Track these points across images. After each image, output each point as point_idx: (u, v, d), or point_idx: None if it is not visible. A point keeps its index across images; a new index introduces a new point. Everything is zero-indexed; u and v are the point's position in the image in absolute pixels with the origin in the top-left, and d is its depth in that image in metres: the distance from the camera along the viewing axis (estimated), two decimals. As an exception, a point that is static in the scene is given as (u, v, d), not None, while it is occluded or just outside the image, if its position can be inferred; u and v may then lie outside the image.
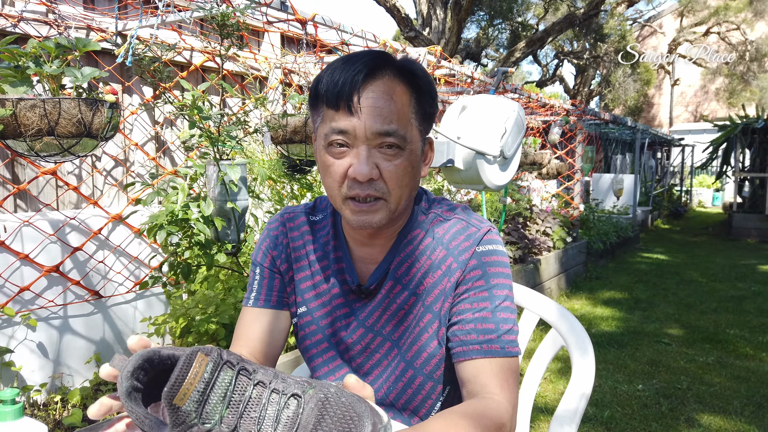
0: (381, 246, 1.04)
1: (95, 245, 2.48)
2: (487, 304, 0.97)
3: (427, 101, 0.97)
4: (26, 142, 1.69)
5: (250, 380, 0.57)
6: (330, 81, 0.91)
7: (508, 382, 0.93)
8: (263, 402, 0.56)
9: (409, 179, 0.95)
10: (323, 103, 0.93)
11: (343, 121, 0.91)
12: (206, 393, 0.55)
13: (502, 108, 2.55)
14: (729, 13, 18.05)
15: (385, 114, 0.90)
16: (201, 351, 0.56)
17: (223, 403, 0.55)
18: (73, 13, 2.56)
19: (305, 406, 0.56)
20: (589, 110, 6.71)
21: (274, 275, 1.11)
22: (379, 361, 1.05)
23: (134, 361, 0.57)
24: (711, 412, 2.96)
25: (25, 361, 2.23)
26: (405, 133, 0.92)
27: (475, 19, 15.18)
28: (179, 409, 0.54)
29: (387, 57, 0.94)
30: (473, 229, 1.02)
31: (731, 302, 5.30)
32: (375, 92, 0.91)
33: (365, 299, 1.05)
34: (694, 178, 18.05)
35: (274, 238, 1.12)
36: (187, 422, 0.54)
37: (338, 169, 0.93)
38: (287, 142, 2.56)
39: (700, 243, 9.40)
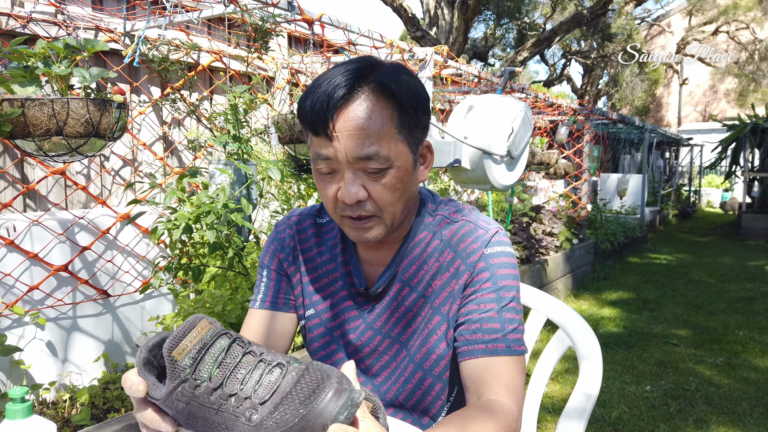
0: (388, 249, 1.05)
1: (103, 245, 2.50)
2: (493, 305, 0.97)
3: (410, 113, 0.92)
4: (35, 141, 1.70)
5: (242, 349, 0.63)
6: (307, 107, 0.89)
7: (513, 382, 0.93)
8: (250, 367, 0.62)
9: (399, 195, 0.94)
10: (306, 128, 0.92)
11: (325, 147, 0.90)
12: (201, 352, 0.61)
13: (509, 108, 2.55)
14: (738, 12, 17.92)
15: (363, 137, 0.87)
16: (206, 319, 0.63)
17: (214, 364, 0.61)
18: (81, 13, 2.58)
19: (287, 374, 0.61)
20: (596, 110, 6.68)
21: (280, 278, 1.11)
22: (387, 363, 1.05)
23: (155, 338, 0.65)
24: (719, 413, 2.95)
25: (34, 359, 2.25)
26: (388, 153, 0.89)
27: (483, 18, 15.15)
28: (176, 362, 0.60)
29: (362, 74, 0.89)
30: (481, 231, 1.01)
31: (740, 303, 5.27)
32: (350, 115, 0.87)
33: (373, 302, 1.05)
34: (703, 178, 17.94)
35: (282, 241, 1.12)
36: (182, 376, 0.60)
37: (329, 192, 0.94)
38: (294, 142, 2.57)
39: (709, 243, 9.34)
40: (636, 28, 16.28)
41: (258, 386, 0.60)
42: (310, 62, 3.45)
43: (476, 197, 5.63)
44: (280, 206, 2.83)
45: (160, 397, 0.62)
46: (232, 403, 0.60)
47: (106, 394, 2.20)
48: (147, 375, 0.64)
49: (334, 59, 3.54)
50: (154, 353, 0.65)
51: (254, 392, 0.60)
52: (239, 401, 0.60)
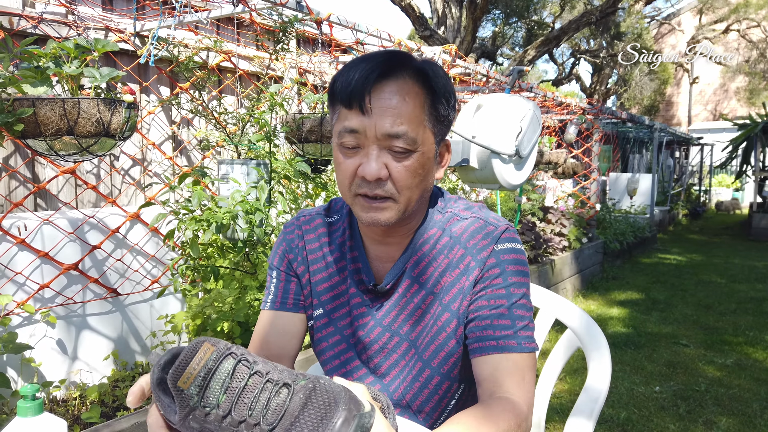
0: (397, 245, 1.04)
1: (113, 244, 2.51)
2: (504, 302, 0.97)
3: (442, 104, 0.96)
4: (46, 141, 1.72)
5: (249, 369, 0.62)
6: (344, 80, 0.92)
7: (524, 379, 0.93)
8: (257, 390, 0.61)
9: (419, 180, 0.95)
10: (338, 101, 0.94)
11: (355, 120, 0.91)
12: (207, 379, 0.60)
13: (517, 107, 2.54)
14: (749, 10, 17.76)
15: (396, 115, 0.90)
16: (208, 341, 0.62)
17: (221, 390, 0.60)
18: (91, 14, 2.60)
19: (294, 395, 0.61)
20: (605, 109, 6.65)
21: (290, 278, 1.11)
22: (396, 361, 1.05)
23: (166, 356, 0.64)
24: (730, 414, 2.92)
25: (45, 357, 2.27)
26: (416, 136, 0.92)
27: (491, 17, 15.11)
28: (183, 391, 0.59)
29: (403, 57, 0.94)
30: (491, 228, 1.01)
31: (751, 304, 5.22)
32: (387, 93, 0.91)
33: (382, 298, 1.05)
34: (713, 177, 17.80)
35: (290, 242, 1.12)
36: (190, 404, 0.59)
37: (349, 167, 0.94)
38: (302, 141, 2.57)
39: (719, 243, 9.27)
40: (646, 27, 16.18)
41: (266, 410, 0.60)
42: (318, 62, 3.46)
43: (485, 197, 5.62)
44: (288, 205, 2.84)
45: (175, 421, 0.61)
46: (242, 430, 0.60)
47: (116, 392, 2.21)
48: (161, 396, 0.63)
49: (343, 59, 3.54)
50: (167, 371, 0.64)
51: (263, 418, 0.60)
52: (249, 428, 0.60)
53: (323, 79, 3.61)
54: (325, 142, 2.57)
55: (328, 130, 2.53)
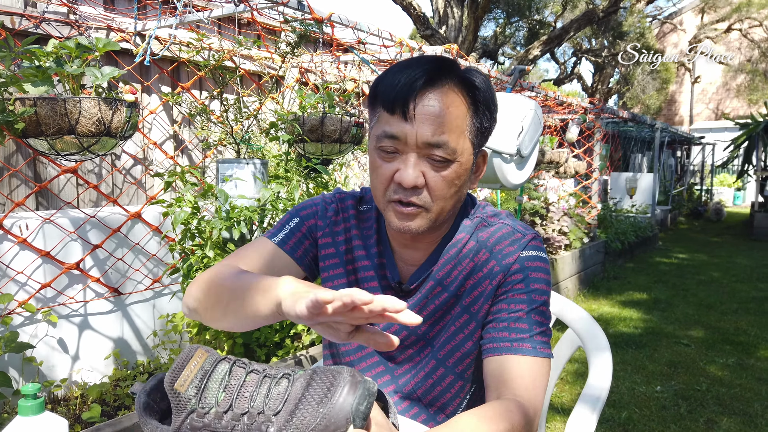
0: (424, 250, 1.05)
1: (115, 243, 2.51)
2: (523, 306, 0.97)
3: (485, 115, 0.96)
4: (47, 140, 1.72)
5: (245, 369, 0.62)
6: (389, 84, 0.91)
7: (534, 384, 0.92)
8: (256, 384, 0.61)
9: (455, 191, 0.95)
10: (380, 105, 0.93)
11: (396, 126, 0.90)
12: (204, 380, 0.60)
13: (519, 106, 2.54)
14: (751, 9, 17.73)
15: (438, 124, 0.89)
16: (201, 348, 0.62)
17: (219, 389, 0.60)
18: (93, 13, 2.60)
19: (295, 382, 0.61)
20: (607, 108, 6.64)
21: (307, 237, 1.09)
22: (411, 356, 1.06)
23: (152, 381, 0.65)
24: (731, 414, 2.92)
25: (46, 356, 2.27)
26: (456, 146, 0.91)
27: (492, 16, 15.09)
28: (180, 394, 0.59)
29: (450, 65, 0.93)
30: (519, 235, 1.02)
31: (753, 303, 5.22)
32: (431, 101, 0.90)
33: (403, 297, 1.05)
34: (715, 177, 17.78)
35: (325, 210, 1.11)
36: (188, 407, 0.59)
37: (386, 171, 0.93)
38: (303, 141, 2.57)
39: (721, 243, 9.26)
40: (648, 26, 16.16)
41: (268, 399, 0.59)
42: (319, 61, 3.46)
43: (485, 196, 5.62)
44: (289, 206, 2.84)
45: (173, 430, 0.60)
46: (245, 421, 0.59)
47: (117, 392, 2.22)
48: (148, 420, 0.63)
49: (344, 58, 3.54)
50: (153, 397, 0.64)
51: (266, 406, 0.59)
52: (252, 418, 0.59)
53: (324, 78, 3.61)
54: (326, 142, 2.57)
55: (329, 129, 2.53)
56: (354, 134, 2.59)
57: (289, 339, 2.51)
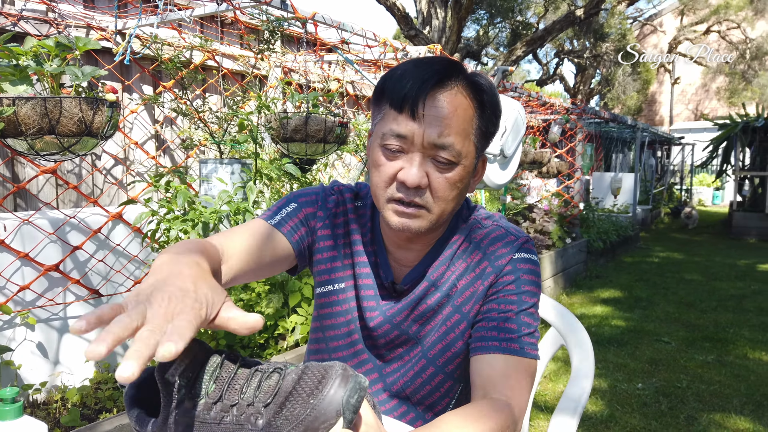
0: (418, 251, 1.05)
1: (95, 244, 2.48)
2: (513, 307, 0.98)
3: (490, 119, 0.97)
4: (27, 140, 1.69)
5: (236, 363, 0.61)
6: (399, 82, 0.91)
7: (520, 384, 0.92)
8: (247, 377, 0.60)
9: (457, 194, 0.95)
10: (387, 102, 0.93)
11: (404, 125, 0.90)
12: (195, 370, 0.59)
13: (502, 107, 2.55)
14: (729, 12, 18.03)
15: (445, 126, 0.90)
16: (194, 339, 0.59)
17: (210, 380, 0.59)
18: (72, 11, 2.56)
19: (287, 376, 0.60)
20: (589, 109, 6.71)
21: (306, 223, 1.06)
22: (400, 355, 1.06)
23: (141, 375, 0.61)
24: (711, 410, 2.97)
25: (25, 360, 2.23)
26: (461, 148, 0.92)
27: (476, 17, 15.16)
28: (170, 384, 0.57)
29: (458, 67, 0.94)
30: (512, 237, 1.04)
31: (731, 301, 5.31)
32: (440, 102, 0.90)
33: (395, 297, 1.06)
34: (695, 176, 18.04)
35: (325, 201, 1.09)
36: (178, 397, 0.58)
37: (389, 169, 0.93)
38: (287, 140, 2.56)
39: (701, 242, 9.40)
40: (629, 28, 16.35)
41: (259, 392, 0.59)
42: (303, 61, 3.45)
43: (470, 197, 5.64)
44: (273, 205, 2.83)
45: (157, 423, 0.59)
46: (234, 413, 0.59)
47: (98, 395, 2.19)
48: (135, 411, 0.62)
49: (328, 58, 3.53)
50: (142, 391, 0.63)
51: (256, 398, 0.59)
52: (241, 410, 0.58)
53: (308, 78, 3.60)
54: (310, 142, 2.56)
55: (313, 129, 2.52)
56: (338, 134, 2.59)
57: (273, 340, 2.50)
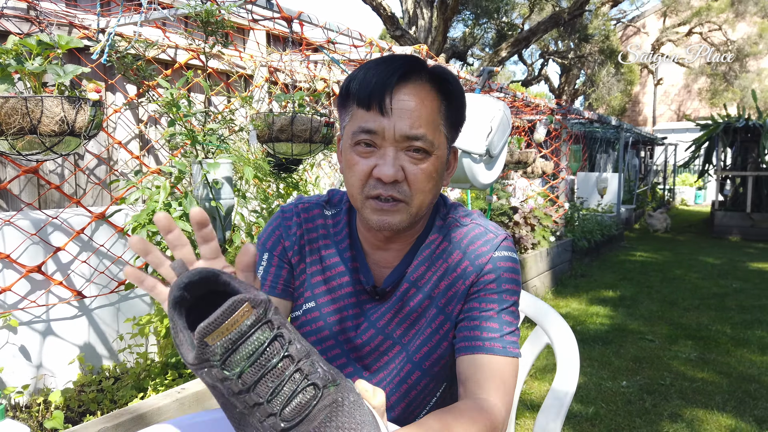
0: (397, 251, 1.04)
1: (78, 245, 2.45)
2: (494, 306, 0.98)
3: (456, 109, 0.98)
4: (7, 140, 1.67)
5: (282, 349, 0.58)
6: (363, 81, 0.92)
7: (504, 384, 0.93)
8: (285, 377, 0.57)
9: (433, 185, 0.96)
10: (354, 102, 0.94)
11: (373, 121, 0.91)
12: (237, 343, 0.56)
13: (487, 107, 2.56)
14: (711, 14, 18.28)
15: (415, 117, 0.91)
16: (249, 301, 0.57)
17: (248, 360, 0.56)
18: (54, 9, 2.53)
19: (320, 401, 0.57)
20: (573, 109, 6.76)
21: (282, 264, 1.07)
22: (386, 363, 1.05)
23: (191, 275, 0.60)
24: (694, 407, 3.00)
25: (6, 363, 2.20)
26: (433, 139, 0.93)
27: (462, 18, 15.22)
28: (208, 346, 0.55)
29: (421, 62, 0.95)
30: (491, 236, 1.03)
31: (713, 299, 5.38)
32: (407, 95, 0.91)
33: (378, 301, 1.05)
34: (677, 176, 18.26)
35: (288, 228, 1.08)
36: (211, 361, 0.56)
37: (363, 167, 0.93)
38: (273, 140, 2.55)
39: (684, 241, 9.51)
40: (612, 29, 16.51)
41: (287, 404, 0.57)
42: (288, 60, 3.43)
43: (456, 197, 5.66)
44: (258, 205, 2.81)
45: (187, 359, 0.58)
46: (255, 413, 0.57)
47: (82, 397, 2.16)
48: (176, 319, 0.60)
49: (314, 57, 3.53)
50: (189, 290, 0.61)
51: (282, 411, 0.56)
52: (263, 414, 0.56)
53: (294, 77, 3.58)
54: (296, 141, 2.55)
55: (299, 129, 2.51)
56: (324, 134, 2.58)
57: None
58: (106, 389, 2.21)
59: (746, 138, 10.29)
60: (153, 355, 2.56)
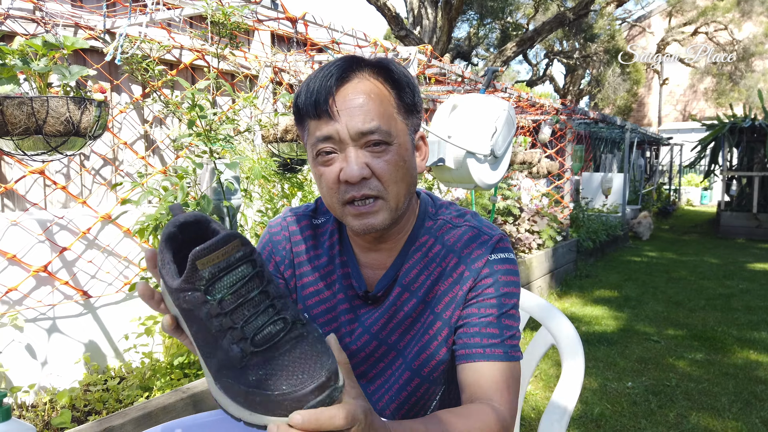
0: (388, 251, 1.03)
1: (84, 245, 2.46)
2: (494, 311, 0.97)
3: (407, 93, 0.97)
4: (13, 140, 1.68)
5: (261, 285, 0.64)
6: (307, 92, 0.92)
7: (509, 389, 0.93)
8: (259, 309, 0.63)
9: (403, 173, 0.94)
10: (305, 116, 0.94)
11: (326, 127, 0.91)
12: (222, 272, 0.62)
13: (492, 107, 2.56)
14: (717, 13, 18.20)
15: (364, 113, 0.90)
16: (240, 238, 0.63)
17: (229, 289, 0.62)
18: (60, 10, 2.54)
19: (288, 333, 0.63)
20: (578, 109, 6.74)
21: (280, 280, 1.09)
22: (383, 370, 1.04)
23: (187, 216, 0.68)
24: (699, 409, 2.99)
25: (13, 362, 2.21)
26: (389, 129, 0.92)
27: (466, 18, 15.21)
28: (197, 270, 0.61)
29: (358, 59, 0.95)
30: (485, 237, 1.01)
31: (719, 300, 5.35)
32: (351, 93, 0.91)
33: (371, 306, 1.04)
34: (683, 176, 18.18)
35: (277, 243, 1.09)
36: (196, 285, 0.62)
37: (330, 176, 0.93)
38: (278, 141, 2.56)
39: (689, 241, 9.47)
40: (618, 29, 16.46)
41: (259, 332, 0.62)
42: (293, 61, 3.44)
43: (458, 198, 5.65)
44: (263, 205, 2.82)
45: (172, 285, 0.64)
46: (227, 335, 0.62)
47: (87, 396, 2.17)
48: (165, 252, 0.66)
49: (318, 58, 3.53)
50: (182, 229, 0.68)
51: (253, 337, 0.62)
52: (236, 338, 0.62)
53: (299, 78, 3.59)
54: (301, 142, 2.55)
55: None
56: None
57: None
58: (112, 389, 2.21)
59: (752, 138, 10.24)
60: (158, 355, 2.57)
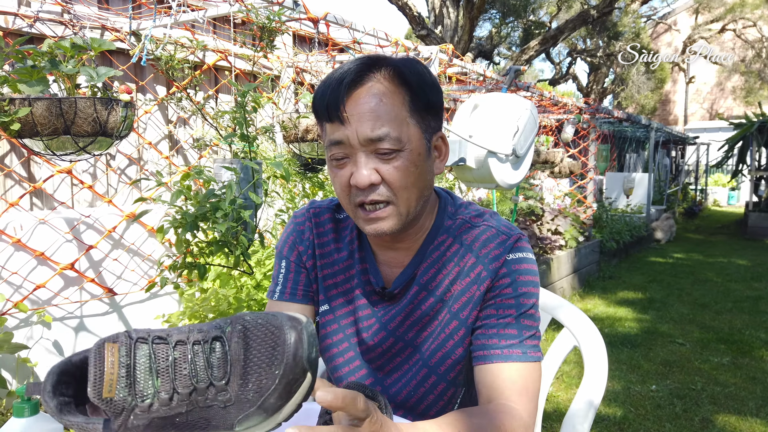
0: (406, 250, 1.03)
1: (110, 243, 2.51)
2: (512, 311, 0.96)
3: (422, 96, 0.94)
4: (42, 141, 1.71)
5: (168, 344, 0.57)
6: (321, 95, 0.92)
7: (527, 390, 0.91)
8: (189, 357, 0.56)
9: (414, 179, 0.93)
10: (320, 117, 0.95)
11: (337, 132, 0.91)
12: (131, 374, 0.55)
13: (514, 106, 2.54)
14: (745, 10, 17.81)
15: (374, 118, 0.89)
16: (107, 341, 0.56)
17: (152, 377, 0.55)
18: (87, 13, 2.59)
19: (230, 343, 0.58)
20: (602, 108, 6.66)
21: (300, 269, 1.09)
22: (399, 364, 1.05)
23: (50, 379, 0.58)
24: (726, 413, 2.93)
25: (41, 358, 2.26)
26: (399, 135, 0.90)
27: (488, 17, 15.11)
28: (113, 401, 0.54)
29: (372, 61, 0.93)
30: (504, 237, 1.00)
31: (747, 302, 5.24)
32: (362, 98, 0.90)
33: (389, 302, 1.04)
34: (709, 176, 17.85)
35: (301, 233, 1.11)
36: (127, 407, 0.54)
37: (342, 178, 0.93)
38: (299, 140, 2.57)
39: (716, 242, 9.30)
40: (642, 27, 16.21)
41: (211, 369, 0.56)
42: (315, 61, 3.45)
43: (479, 198, 5.62)
44: (285, 205, 2.83)
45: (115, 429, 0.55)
46: (196, 399, 0.56)
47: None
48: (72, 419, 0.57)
49: (339, 58, 3.54)
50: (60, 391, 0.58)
51: (212, 377, 0.56)
52: (202, 393, 0.56)
53: (320, 78, 3.60)
54: (321, 142, 2.57)
55: (325, 129, 2.53)
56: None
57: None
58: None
59: (782, 137, 10.01)
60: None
